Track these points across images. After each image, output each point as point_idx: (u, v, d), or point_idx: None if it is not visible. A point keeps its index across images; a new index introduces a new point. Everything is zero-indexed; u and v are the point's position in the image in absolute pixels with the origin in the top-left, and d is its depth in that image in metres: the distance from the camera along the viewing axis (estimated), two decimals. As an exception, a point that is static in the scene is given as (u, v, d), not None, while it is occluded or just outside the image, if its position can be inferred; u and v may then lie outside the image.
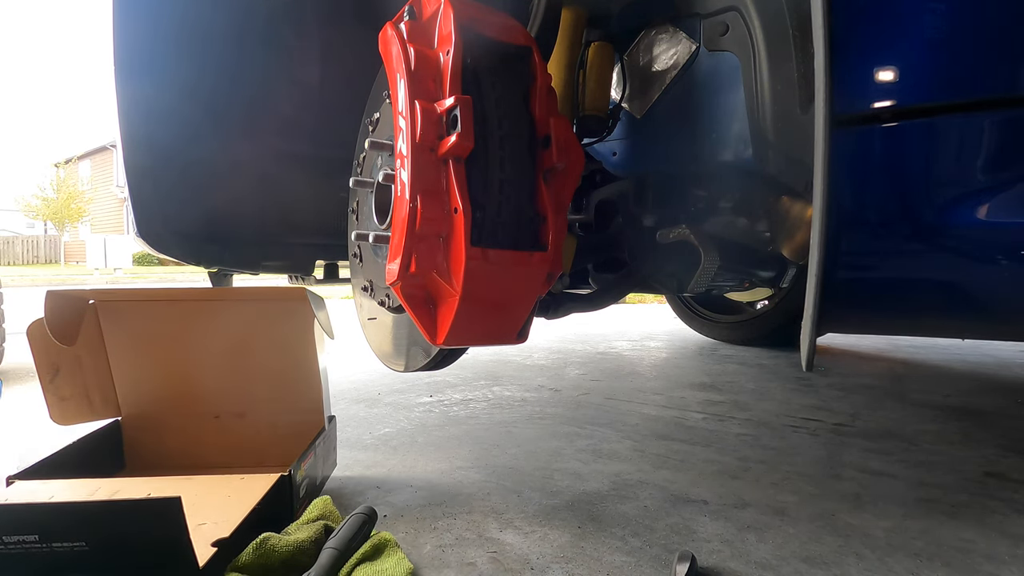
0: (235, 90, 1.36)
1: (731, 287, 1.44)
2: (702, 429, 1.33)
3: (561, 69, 0.98)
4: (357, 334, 1.20)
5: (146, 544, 0.58)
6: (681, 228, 1.04)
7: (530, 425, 1.35)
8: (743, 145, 0.89)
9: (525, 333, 0.83)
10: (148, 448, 1.03)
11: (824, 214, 0.64)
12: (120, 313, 1.00)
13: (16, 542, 0.54)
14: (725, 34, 0.89)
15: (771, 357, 2.28)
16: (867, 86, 0.69)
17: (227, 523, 0.68)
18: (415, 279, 0.74)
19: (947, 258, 0.74)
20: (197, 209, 1.35)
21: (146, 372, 1.02)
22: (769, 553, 0.77)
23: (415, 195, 0.70)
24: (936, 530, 0.84)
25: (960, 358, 2.29)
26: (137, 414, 1.03)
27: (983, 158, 0.68)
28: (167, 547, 0.58)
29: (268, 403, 1.02)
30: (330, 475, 1.00)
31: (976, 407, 1.53)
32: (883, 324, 1.07)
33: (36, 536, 0.52)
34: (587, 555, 0.76)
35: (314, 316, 0.93)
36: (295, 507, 0.80)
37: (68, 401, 0.95)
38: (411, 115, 0.71)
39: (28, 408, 1.55)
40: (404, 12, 0.79)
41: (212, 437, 1.03)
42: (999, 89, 0.65)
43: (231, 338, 1.01)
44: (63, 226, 23.75)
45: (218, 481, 0.81)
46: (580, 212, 1.13)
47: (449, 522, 0.85)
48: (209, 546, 0.64)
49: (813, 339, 0.69)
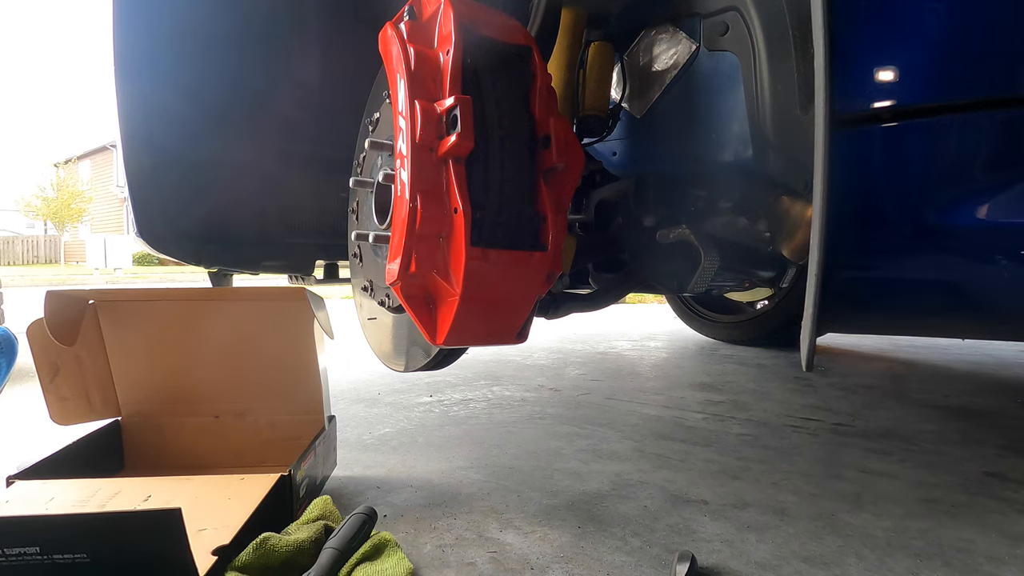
0: (235, 90, 1.36)
1: (731, 287, 1.44)
2: (702, 429, 1.33)
3: (561, 69, 0.98)
4: (357, 334, 1.19)
5: (147, 556, 0.58)
6: (681, 228, 1.04)
7: (530, 425, 1.35)
8: (743, 145, 0.89)
9: (525, 333, 0.83)
10: (148, 448, 1.03)
11: (824, 214, 0.64)
12: (120, 313, 1.00)
13: (17, 554, 0.54)
14: (725, 34, 0.89)
15: (771, 357, 2.28)
16: (867, 86, 0.69)
17: (227, 528, 0.68)
18: (415, 279, 0.74)
19: (947, 258, 0.74)
20: (197, 209, 1.35)
21: (146, 372, 1.02)
22: (769, 553, 0.77)
23: (415, 195, 0.70)
24: (936, 530, 0.84)
25: (960, 358, 2.29)
26: (137, 414, 1.03)
27: (983, 158, 0.68)
28: (168, 558, 0.58)
29: (268, 403, 1.02)
30: (330, 475, 1.00)
31: (976, 407, 1.53)
32: (883, 324, 1.07)
33: (37, 548, 0.51)
34: (587, 555, 0.76)
35: (314, 316, 0.93)
36: (295, 507, 0.80)
37: (68, 401, 0.95)
38: (411, 115, 0.71)
39: (28, 408, 1.55)
40: (404, 12, 0.79)
41: (212, 437, 1.03)
42: (999, 89, 0.65)
43: (231, 338, 1.01)
44: (63, 226, 23.75)
45: (218, 482, 0.80)
46: (580, 212, 1.13)
47: (449, 522, 0.85)
48: (210, 554, 0.63)
49: (813, 339, 0.69)
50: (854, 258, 0.77)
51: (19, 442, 1.26)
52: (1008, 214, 0.66)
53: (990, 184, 0.67)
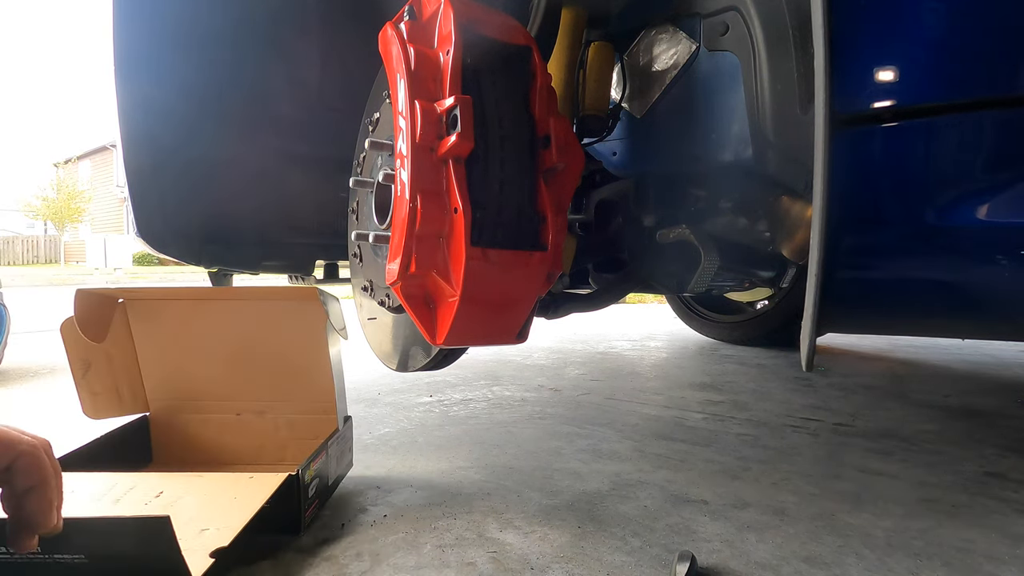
0: (235, 89, 1.36)
1: (731, 287, 1.44)
2: (702, 429, 1.33)
3: (561, 69, 0.98)
4: (357, 334, 1.20)
5: (141, 560, 0.60)
6: (681, 228, 1.04)
7: (530, 425, 1.35)
8: (743, 145, 0.89)
9: (525, 333, 0.83)
10: (174, 443, 1.05)
11: (824, 214, 0.64)
12: (148, 311, 1.02)
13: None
14: (725, 34, 0.89)
15: (771, 357, 2.28)
16: (867, 86, 0.69)
17: (229, 529, 0.68)
18: (415, 279, 0.74)
19: (947, 258, 0.74)
20: (197, 209, 1.35)
21: (172, 368, 1.04)
22: (769, 553, 0.77)
23: (415, 195, 0.70)
24: (936, 530, 0.84)
25: (960, 358, 2.29)
26: (164, 409, 1.05)
27: (983, 158, 0.68)
28: (161, 562, 0.60)
29: (286, 402, 1.04)
30: (345, 475, 1.01)
31: (976, 407, 1.53)
32: (883, 324, 1.07)
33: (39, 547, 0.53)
34: (587, 555, 0.76)
35: (328, 316, 0.95)
36: (303, 508, 0.80)
37: (99, 396, 0.98)
38: (411, 115, 0.71)
39: (27, 408, 1.55)
40: (404, 12, 0.79)
41: (234, 434, 1.05)
42: (999, 89, 0.65)
43: (252, 336, 1.02)
44: (63, 226, 23.75)
45: (227, 480, 0.81)
46: (580, 212, 1.13)
47: (449, 522, 0.85)
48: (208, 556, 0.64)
49: (813, 339, 0.69)
50: (854, 258, 0.77)
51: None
52: (1008, 214, 0.66)
53: (990, 184, 0.68)
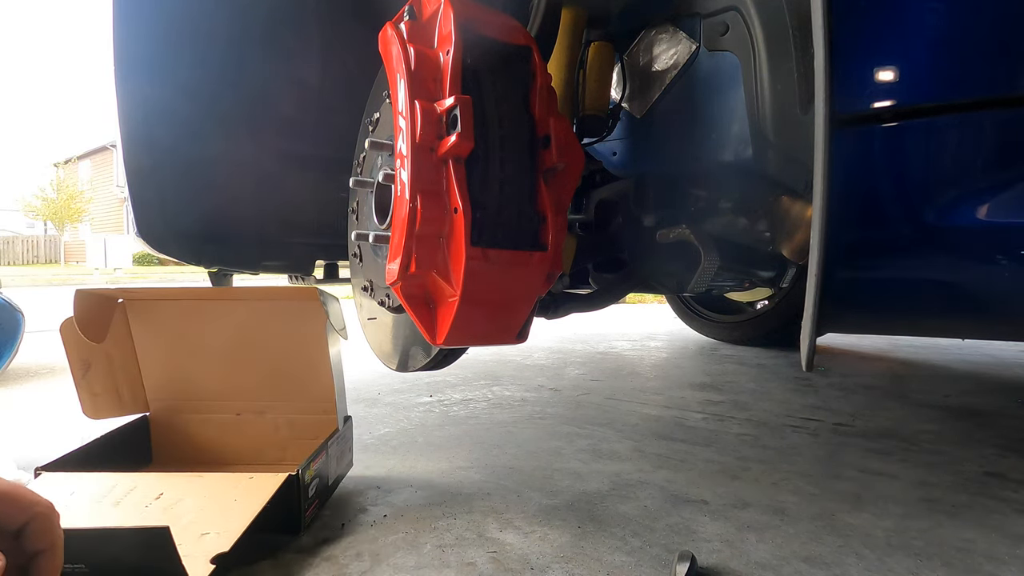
0: (235, 90, 1.36)
1: (731, 287, 1.44)
2: (702, 429, 1.33)
3: (561, 69, 0.98)
4: (357, 334, 1.20)
5: (140, 570, 0.60)
6: (681, 228, 1.04)
7: (530, 425, 1.35)
8: (743, 145, 0.89)
9: (525, 333, 0.83)
10: (174, 443, 1.05)
11: (824, 214, 0.64)
12: (147, 311, 1.02)
13: None
14: (725, 34, 0.89)
15: (771, 357, 2.28)
16: (867, 86, 0.69)
17: (229, 532, 0.68)
18: (415, 279, 0.74)
19: (947, 258, 0.74)
20: (197, 209, 1.35)
21: (172, 369, 1.04)
22: (769, 553, 0.77)
23: (415, 195, 0.70)
24: (936, 530, 0.84)
25: (960, 358, 2.29)
26: (164, 409, 1.05)
27: (983, 158, 0.68)
28: (161, 572, 0.60)
29: (286, 402, 1.04)
30: (345, 475, 1.01)
31: (976, 407, 1.53)
32: (883, 324, 1.07)
33: None
34: (587, 555, 0.76)
35: (328, 317, 0.95)
36: (303, 508, 0.80)
37: (99, 396, 0.98)
38: (411, 115, 0.71)
39: (26, 408, 1.55)
40: (404, 12, 0.79)
41: (234, 434, 1.05)
42: (999, 89, 0.65)
43: (252, 336, 1.02)
44: (63, 226, 23.75)
45: (227, 480, 0.81)
46: (580, 212, 1.13)
47: (449, 522, 0.85)
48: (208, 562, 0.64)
49: (813, 339, 0.69)
50: (854, 258, 0.77)
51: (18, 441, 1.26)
52: (1008, 214, 0.66)
53: (990, 184, 0.67)
